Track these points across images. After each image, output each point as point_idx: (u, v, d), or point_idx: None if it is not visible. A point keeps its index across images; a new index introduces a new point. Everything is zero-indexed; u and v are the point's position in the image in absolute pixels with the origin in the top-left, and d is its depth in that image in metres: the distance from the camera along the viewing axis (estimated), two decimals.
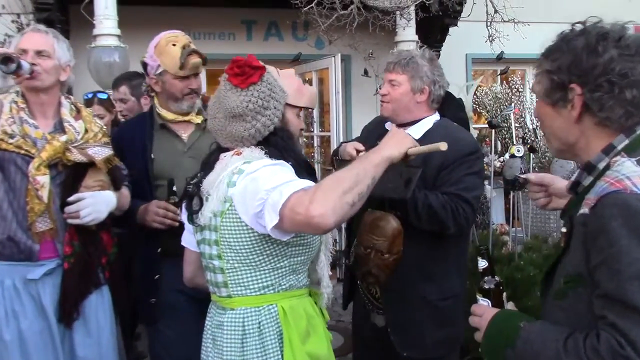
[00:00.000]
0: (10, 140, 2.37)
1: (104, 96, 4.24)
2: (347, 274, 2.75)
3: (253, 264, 1.84)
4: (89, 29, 5.57)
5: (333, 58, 6.75)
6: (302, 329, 1.87)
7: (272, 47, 7.27)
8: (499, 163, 4.82)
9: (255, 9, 6.97)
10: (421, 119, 2.61)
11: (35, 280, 2.40)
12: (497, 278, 1.70)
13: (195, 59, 2.71)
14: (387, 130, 2.64)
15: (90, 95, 4.28)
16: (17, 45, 2.46)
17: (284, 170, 1.80)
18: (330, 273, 2.03)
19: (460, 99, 2.96)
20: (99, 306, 2.54)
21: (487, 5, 6.28)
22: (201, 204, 1.89)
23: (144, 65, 2.78)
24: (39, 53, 2.45)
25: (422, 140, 2.41)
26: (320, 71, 7.25)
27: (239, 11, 7.03)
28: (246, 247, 1.82)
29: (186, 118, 2.77)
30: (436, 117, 2.65)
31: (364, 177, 1.69)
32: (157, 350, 2.78)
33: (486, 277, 1.70)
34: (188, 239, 2.09)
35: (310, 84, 7.49)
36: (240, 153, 1.87)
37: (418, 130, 2.55)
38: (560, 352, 1.33)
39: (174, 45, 2.69)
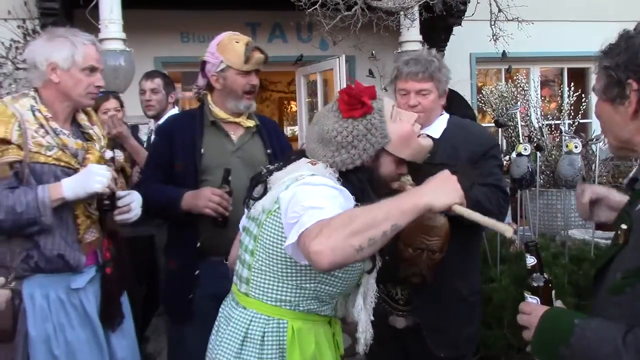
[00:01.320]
0: (49, 153, 2.29)
1: (116, 94, 4.39)
2: None
3: (279, 273, 1.79)
4: (94, 33, 5.56)
5: (337, 59, 6.76)
6: (309, 354, 1.80)
7: (277, 48, 7.27)
8: (506, 162, 4.81)
9: (259, 11, 6.99)
10: (436, 119, 2.61)
11: (77, 289, 2.39)
12: (545, 275, 1.66)
13: (259, 55, 2.79)
14: None
15: (101, 93, 4.38)
16: (86, 60, 2.37)
17: (336, 196, 1.68)
18: (372, 318, 1.92)
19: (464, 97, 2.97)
20: (125, 308, 2.56)
21: (490, 4, 6.28)
22: (263, 194, 1.84)
23: (203, 63, 2.81)
24: (102, 72, 2.49)
25: (441, 140, 2.47)
26: (325, 72, 7.27)
27: (243, 13, 7.04)
28: (279, 254, 1.76)
29: (237, 120, 2.81)
30: (446, 115, 2.65)
31: (382, 221, 1.51)
32: (178, 356, 2.79)
33: (535, 274, 1.66)
34: (243, 222, 2.03)
35: (315, 85, 7.51)
36: (316, 164, 1.80)
37: (436, 130, 2.54)
38: (620, 347, 1.31)
39: (237, 42, 2.77)
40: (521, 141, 3.99)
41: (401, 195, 1.64)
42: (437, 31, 6.85)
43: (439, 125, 2.58)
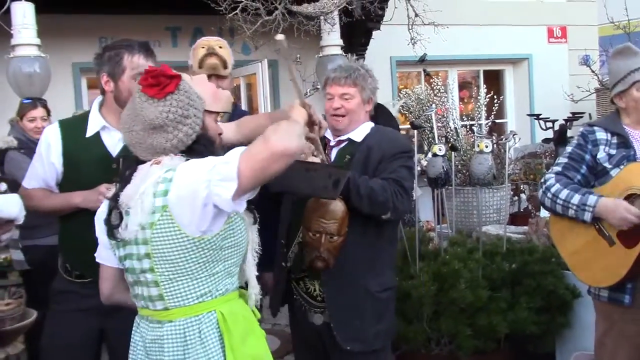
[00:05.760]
0: None
1: (44, 102, 4.34)
2: (281, 278, 2.79)
3: (189, 273, 1.83)
4: (7, 39, 5.42)
5: (260, 63, 6.78)
6: (241, 331, 1.88)
7: None
8: (425, 162, 4.96)
9: (179, 15, 6.93)
10: (360, 126, 2.78)
11: None
12: None
13: (211, 60, 2.92)
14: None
15: (29, 100, 4.31)
16: None
17: (210, 157, 1.82)
18: (257, 273, 2.05)
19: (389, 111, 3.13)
20: None
21: (407, 9, 6.45)
22: (120, 218, 1.86)
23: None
24: None
25: (361, 143, 2.72)
26: (248, 77, 7.27)
27: (163, 18, 6.97)
28: (182, 256, 1.81)
29: None
30: (370, 124, 2.83)
31: (294, 124, 1.85)
32: None
33: None
34: (104, 255, 2.03)
35: (239, 90, 7.51)
36: (160, 162, 1.85)
37: (358, 135, 2.75)
38: None
39: (202, 47, 2.94)
40: (436, 142, 4.14)
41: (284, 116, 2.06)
42: (357, 35, 6.98)
43: (362, 130, 2.77)
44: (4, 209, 2.35)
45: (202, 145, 1.91)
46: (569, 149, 2.81)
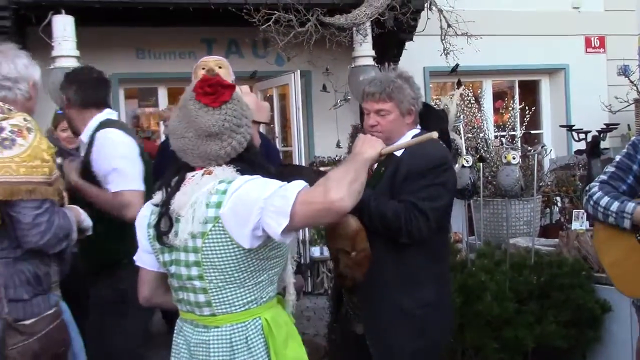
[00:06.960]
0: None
1: None
2: (335, 286, 2.81)
3: (238, 281, 1.87)
4: (47, 51, 5.60)
5: (293, 74, 6.86)
6: (283, 335, 1.93)
7: (233, 64, 7.24)
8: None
9: (215, 27, 7.05)
10: (404, 137, 2.62)
11: None
12: None
13: None
14: None
15: (62, 111, 4.44)
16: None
17: (268, 180, 1.83)
18: (295, 280, 2.10)
19: (442, 111, 3.05)
20: None
21: (440, 20, 6.45)
22: (170, 225, 1.89)
23: None
24: None
25: (398, 157, 2.52)
26: (281, 87, 7.36)
27: (199, 30, 7.10)
28: (232, 265, 1.84)
29: None
30: (415, 130, 2.65)
31: (360, 173, 1.86)
32: None
33: None
34: (144, 259, 2.06)
35: (272, 100, 7.61)
36: (211, 172, 1.88)
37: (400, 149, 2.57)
38: None
39: (203, 69, 3.00)
40: (464, 153, 4.13)
41: (350, 159, 2.06)
42: (390, 46, 6.98)
43: (401, 141, 2.57)
44: (87, 220, 2.56)
45: (251, 154, 1.96)
46: (617, 157, 2.77)
